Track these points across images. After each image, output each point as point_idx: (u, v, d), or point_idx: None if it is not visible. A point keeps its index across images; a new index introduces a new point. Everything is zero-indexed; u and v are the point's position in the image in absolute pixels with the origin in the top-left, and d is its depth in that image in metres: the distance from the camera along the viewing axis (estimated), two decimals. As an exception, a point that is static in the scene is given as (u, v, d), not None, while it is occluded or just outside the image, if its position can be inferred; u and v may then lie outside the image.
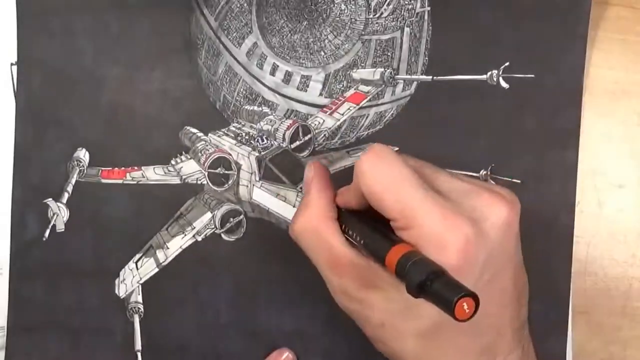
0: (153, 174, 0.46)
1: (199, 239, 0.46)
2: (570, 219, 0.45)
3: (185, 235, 0.46)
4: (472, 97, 0.45)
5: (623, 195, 0.44)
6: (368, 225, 0.35)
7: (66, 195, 0.47)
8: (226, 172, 0.46)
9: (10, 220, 0.47)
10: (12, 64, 0.46)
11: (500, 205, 0.34)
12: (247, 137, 0.46)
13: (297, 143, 0.46)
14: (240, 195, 0.46)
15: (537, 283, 0.38)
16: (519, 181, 0.45)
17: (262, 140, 0.46)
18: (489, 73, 0.44)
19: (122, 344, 0.46)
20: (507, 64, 0.44)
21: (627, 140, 0.44)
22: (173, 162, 0.46)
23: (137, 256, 0.46)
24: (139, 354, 0.46)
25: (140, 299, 0.46)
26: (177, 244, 0.46)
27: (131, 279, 0.46)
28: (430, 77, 0.45)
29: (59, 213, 0.46)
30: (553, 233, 0.45)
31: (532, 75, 0.44)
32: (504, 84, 0.44)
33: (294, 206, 0.46)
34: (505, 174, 0.45)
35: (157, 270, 0.46)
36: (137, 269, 0.46)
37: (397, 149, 0.45)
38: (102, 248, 0.47)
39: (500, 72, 0.44)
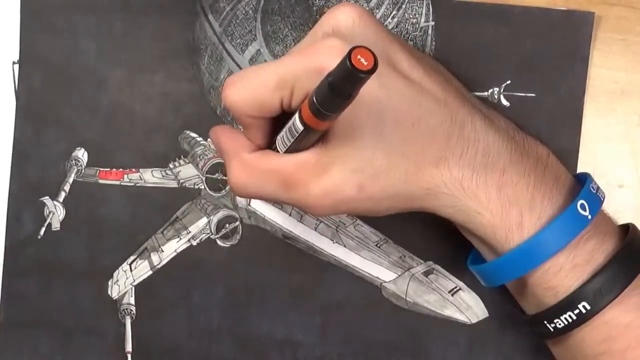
0: (151, 177, 0.46)
1: (194, 243, 0.46)
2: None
3: (181, 239, 0.46)
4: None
5: (623, 195, 0.44)
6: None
7: (63, 194, 0.47)
8: (224, 177, 0.46)
9: (5, 217, 0.47)
10: (13, 63, 0.46)
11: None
12: (246, 144, 0.46)
13: (296, 151, 0.46)
14: (237, 201, 0.46)
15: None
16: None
17: (261, 148, 0.46)
18: (490, 90, 0.44)
19: (112, 345, 0.46)
20: (508, 82, 0.44)
21: (627, 140, 0.44)
22: (171, 165, 0.46)
23: (132, 258, 0.46)
24: (129, 356, 0.46)
25: (132, 300, 0.46)
26: (172, 248, 0.46)
27: (124, 281, 0.46)
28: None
29: (55, 212, 0.46)
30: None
31: (533, 95, 0.44)
32: (504, 102, 0.44)
33: (290, 214, 0.46)
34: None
35: (150, 272, 0.46)
36: (131, 270, 0.46)
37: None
38: (96, 248, 0.47)
39: (502, 90, 0.44)
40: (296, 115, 0.33)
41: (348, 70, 0.28)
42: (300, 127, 0.33)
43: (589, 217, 0.35)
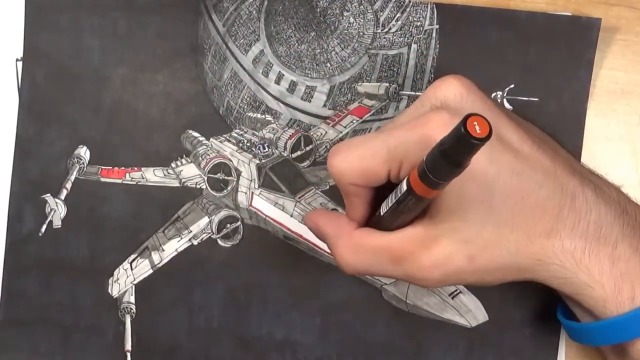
0: (153, 176, 0.46)
1: (195, 243, 0.46)
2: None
3: (182, 238, 0.46)
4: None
5: None
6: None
7: (64, 192, 0.47)
8: (226, 177, 0.46)
9: (7, 214, 0.47)
10: (17, 60, 0.46)
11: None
12: (248, 144, 0.46)
13: (299, 153, 0.46)
14: (239, 201, 0.46)
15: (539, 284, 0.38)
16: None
17: (264, 148, 0.46)
18: (493, 94, 0.44)
19: (112, 344, 0.46)
20: (512, 85, 0.44)
21: (627, 140, 0.44)
22: (173, 164, 0.46)
23: (132, 257, 0.46)
24: (129, 354, 0.46)
25: (132, 299, 0.46)
26: (172, 247, 0.46)
27: (125, 279, 0.46)
28: (435, 94, 0.45)
29: (56, 209, 0.46)
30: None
31: (536, 99, 0.44)
32: (508, 106, 0.44)
33: (291, 215, 0.46)
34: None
35: (151, 271, 0.46)
36: (132, 269, 0.46)
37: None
38: (97, 246, 0.47)
39: (505, 94, 0.44)
40: (404, 183, 0.32)
41: (462, 136, 0.27)
42: (408, 195, 0.32)
43: None
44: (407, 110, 0.37)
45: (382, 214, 0.36)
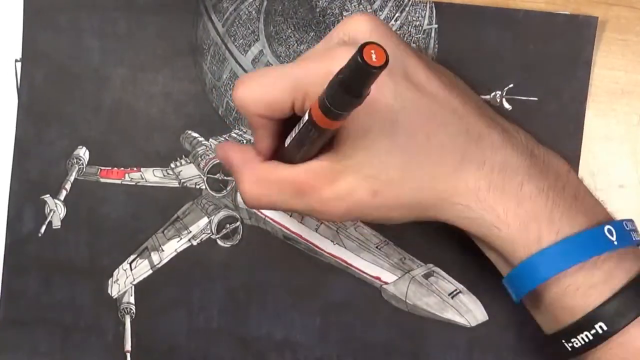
0: (152, 176, 0.46)
1: (195, 243, 0.46)
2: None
3: (181, 238, 0.46)
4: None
5: (623, 196, 0.44)
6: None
7: (64, 193, 0.47)
8: (225, 178, 0.46)
9: (6, 214, 0.47)
10: (16, 60, 0.46)
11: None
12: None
13: (298, 153, 0.46)
14: (238, 202, 0.46)
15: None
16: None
17: (263, 148, 0.46)
18: (492, 94, 0.44)
19: (112, 344, 0.46)
20: (511, 85, 0.44)
21: (627, 140, 0.44)
22: (172, 165, 0.46)
23: (132, 257, 0.46)
24: (129, 355, 0.46)
25: (132, 299, 0.46)
26: (172, 247, 0.46)
27: (124, 280, 0.46)
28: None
29: (56, 210, 0.47)
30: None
31: (535, 99, 0.44)
32: (507, 106, 0.44)
33: (290, 215, 0.46)
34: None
35: (150, 272, 0.46)
36: (131, 269, 0.46)
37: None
38: (97, 247, 0.47)
39: (504, 94, 0.44)
40: (305, 115, 0.32)
41: (359, 65, 0.27)
42: (310, 127, 0.32)
43: (615, 242, 0.35)
44: (316, 46, 0.37)
45: (286, 145, 0.36)
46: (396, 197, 0.35)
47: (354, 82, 0.28)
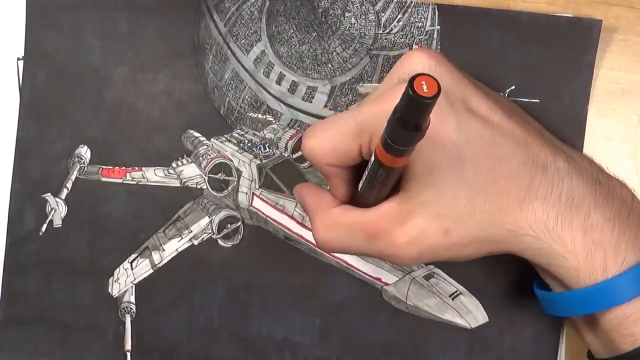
0: (153, 175, 0.46)
1: (196, 243, 0.46)
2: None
3: (182, 238, 0.46)
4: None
5: None
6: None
7: (65, 191, 0.47)
8: (226, 178, 0.46)
9: (7, 213, 0.47)
10: (18, 59, 0.46)
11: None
12: (249, 145, 0.46)
13: (299, 153, 0.46)
14: (239, 202, 0.46)
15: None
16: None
17: (265, 149, 0.46)
18: (494, 95, 0.44)
19: (112, 343, 0.46)
20: (512, 87, 0.44)
21: (627, 140, 0.44)
22: (174, 164, 0.46)
23: (133, 256, 0.46)
24: (129, 354, 0.46)
25: (133, 299, 0.46)
26: (173, 247, 0.46)
27: (125, 279, 0.46)
28: (436, 95, 0.45)
29: (57, 208, 0.46)
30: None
31: (537, 100, 0.44)
32: (508, 107, 0.44)
33: (292, 216, 0.46)
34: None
35: (151, 271, 0.46)
36: (132, 269, 0.46)
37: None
38: (98, 246, 0.47)
39: (506, 95, 0.44)
40: (372, 156, 0.32)
41: (411, 97, 0.27)
42: (377, 168, 0.32)
43: None
44: (378, 87, 0.37)
45: (359, 190, 0.36)
46: (467, 234, 0.35)
47: (409, 115, 0.28)
